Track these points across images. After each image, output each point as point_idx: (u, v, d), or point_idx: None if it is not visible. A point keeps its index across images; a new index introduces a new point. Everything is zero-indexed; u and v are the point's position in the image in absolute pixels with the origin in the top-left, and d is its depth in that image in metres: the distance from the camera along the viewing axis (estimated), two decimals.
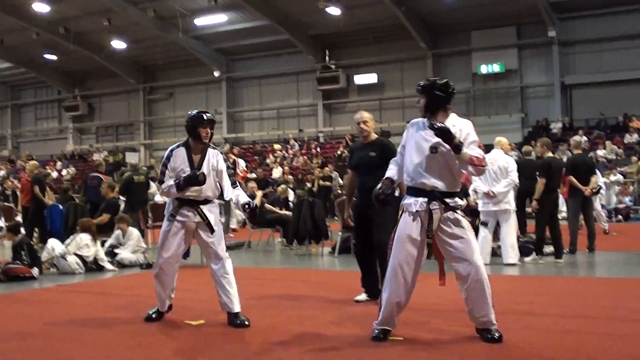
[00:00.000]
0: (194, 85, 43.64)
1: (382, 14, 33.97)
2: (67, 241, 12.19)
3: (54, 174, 38.42)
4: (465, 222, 6.11)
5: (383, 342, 6.03)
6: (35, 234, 16.52)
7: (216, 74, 41.74)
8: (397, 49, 37.23)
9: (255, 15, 35.44)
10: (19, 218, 17.67)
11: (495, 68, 35.26)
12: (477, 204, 12.41)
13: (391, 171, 6.50)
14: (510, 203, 11.77)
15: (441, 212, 6.05)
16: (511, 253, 11.56)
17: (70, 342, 6.40)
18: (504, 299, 8.15)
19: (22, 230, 13.27)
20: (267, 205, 16.33)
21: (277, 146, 37.57)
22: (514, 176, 11.80)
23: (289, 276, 11.13)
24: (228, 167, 7.36)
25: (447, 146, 6.02)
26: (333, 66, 38.64)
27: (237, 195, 7.19)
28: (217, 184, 7.26)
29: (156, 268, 7.20)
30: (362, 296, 8.35)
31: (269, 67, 41.22)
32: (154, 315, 7.25)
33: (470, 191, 12.79)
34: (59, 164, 42.99)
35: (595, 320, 6.81)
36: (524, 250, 12.13)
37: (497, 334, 5.95)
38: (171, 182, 7.05)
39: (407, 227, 6.14)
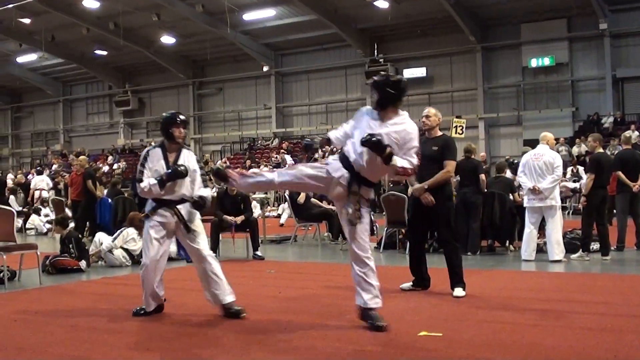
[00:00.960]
0: (243, 80, 43.85)
1: (431, 6, 33.76)
2: (115, 235, 12.38)
3: (105, 168, 38.98)
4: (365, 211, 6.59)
5: (422, 338, 6.03)
6: (86, 227, 16.79)
7: (265, 68, 41.90)
8: (446, 43, 36.96)
9: (304, 10, 35.50)
10: (68, 212, 17.96)
11: (546, 61, 34.78)
12: (522, 199, 12.33)
13: (336, 134, 7.01)
14: (556, 199, 11.65)
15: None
16: (557, 250, 11.45)
17: (114, 334, 6.54)
18: (548, 297, 8.13)
19: (71, 223, 13.49)
20: (313, 200, 16.37)
21: None
22: (560, 172, 11.70)
23: (333, 271, 11.15)
24: (200, 168, 7.53)
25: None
26: (382, 60, 38.45)
27: (199, 194, 7.34)
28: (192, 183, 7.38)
29: (142, 268, 7.33)
30: (408, 284, 8.70)
31: (318, 62, 41.23)
32: (141, 312, 7.35)
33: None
34: (110, 158, 43.59)
35: (637, 319, 6.73)
36: (570, 247, 11.99)
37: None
38: (153, 180, 7.16)
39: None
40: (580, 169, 25.11)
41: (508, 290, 8.75)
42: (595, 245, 12.04)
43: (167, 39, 40.25)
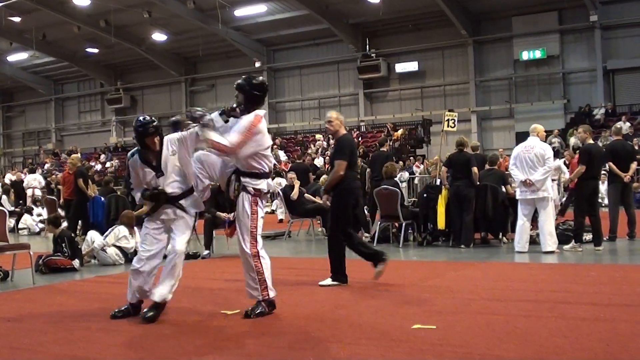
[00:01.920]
0: (235, 76, 42.63)
1: (422, 1, 33.81)
2: (106, 233, 12.36)
3: (98, 167, 38.93)
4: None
5: (416, 330, 6.05)
6: (79, 226, 16.76)
7: (257, 64, 41.87)
8: (437, 37, 37.00)
9: (295, 5, 35.50)
10: (60, 211, 17.94)
11: (537, 54, 34.85)
12: (515, 191, 12.35)
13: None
14: (548, 190, 11.68)
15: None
16: (549, 241, 11.49)
17: (107, 332, 6.53)
18: (541, 288, 8.16)
19: (64, 222, 13.45)
20: (307, 195, 16.38)
21: (318, 136, 37.57)
22: (551, 163, 11.73)
23: (327, 265, 11.13)
24: None
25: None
26: (374, 55, 38.51)
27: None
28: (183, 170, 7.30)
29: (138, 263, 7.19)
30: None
31: (310, 57, 41.23)
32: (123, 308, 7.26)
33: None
34: (102, 156, 43.46)
35: (630, 308, 6.76)
36: (562, 238, 12.03)
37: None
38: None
39: None
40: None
41: (501, 282, 8.78)
42: (588, 236, 12.07)
43: (159, 36, 40.20)
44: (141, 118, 7.39)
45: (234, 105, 7.21)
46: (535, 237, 12.16)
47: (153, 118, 7.45)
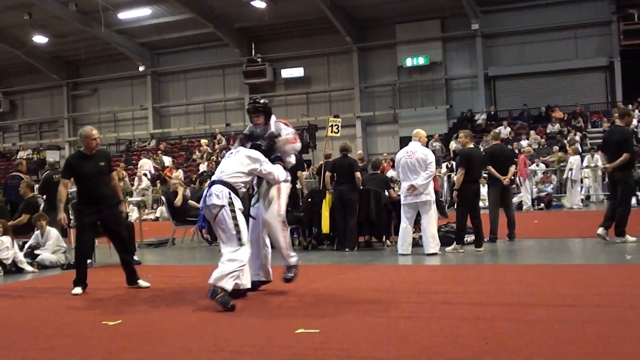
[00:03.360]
0: (118, 80, 43.00)
1: (307, 7, 33.97)
2: None
3: None
4: None
5: (300, 335, 6.00)
6: None
7: (141, 68, 41.23)
8: (323, 43, 37.30)
9: (180, 9, 35.14)
10: None
11: (420, 61, 35.61)
12: (399, 195, 12.49)
13: None
14: (430, 194, 11.85)
15: None
16: (432, 243, 11.66)
17: None
18: (423, 289, 8.26)
19: None
20: (191, 202, 16.17)
21: (203, 141, 37.25)
22: (433, 168, 11.90)
23: (211, 273, 10.99)
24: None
25: None
26: (259, 60, 38.48)
27: None
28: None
29: None
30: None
31: (195, 61, 40.85)
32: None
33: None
34: None
35: (509, 307, 6.89)
36: (444, 240, 12.24)
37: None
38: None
39: None
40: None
41: (384, 284, 8.84)
42: (470, 238, 12.31)
43: (40, 39, 39.03)
44: None
45: (258, 130, 8.59)
46: (418, 239, 12.32)
47: None
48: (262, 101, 8.73)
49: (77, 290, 8.98)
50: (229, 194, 7.60)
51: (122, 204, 9.73)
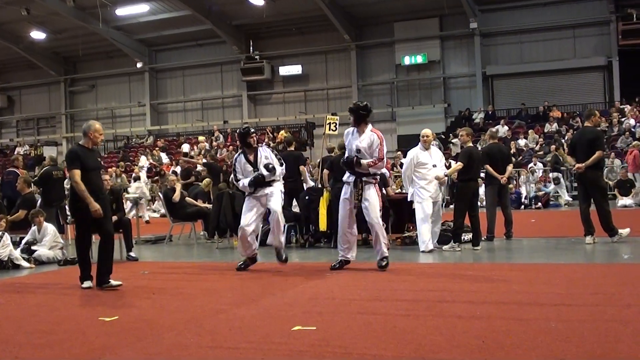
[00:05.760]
0: (116, 77, 42.96)
1: (306, 5, 33.96)
2: None
3: None
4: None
5: (297, 332, 6.00)
6: None
7: (139, 65, 41.19)
8: (321, 41, 37.33)
9: (177, 5, 35.12)
10: None
11: (418, 59, 35.63)
12: (396, 193, 12.52)
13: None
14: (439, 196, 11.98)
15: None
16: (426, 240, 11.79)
17: None
18: (420, 287, 8.27)
19: None
20: (188, 199, 16.16)
21: (201, 138, 37.18)
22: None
23: (208, 270, 11.01)
24: None
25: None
26: (257, 57, 38.46)
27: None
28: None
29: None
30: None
31: (193, 58, 40.86)
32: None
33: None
34: None
35: (505, 306, 6.90)
36: (442, 238, 12.26)
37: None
38: (246, 182, 10.38)
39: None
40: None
41: (381, 282, 8.83)
42: (467, 236, 12.32)
43: (38, 35, 39.06)
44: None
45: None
46: (415, 237, 12.34)
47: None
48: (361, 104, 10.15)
49: (88, 283, 8.93)
50: None
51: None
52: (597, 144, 12.14)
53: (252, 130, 10.71)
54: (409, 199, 12.28)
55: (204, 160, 24.24)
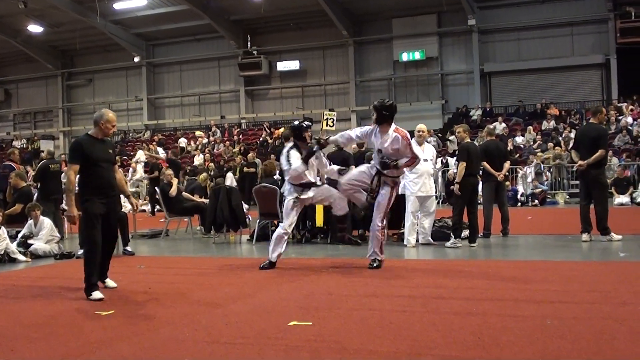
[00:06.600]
0: (113, 71, 42.92)
1: (303, 0, 33.92)
2: None
3: None
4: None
5: (293, 327, 6.00)
6: None
7: (136, 59, 41.15)
8: (318, 36, 37.32)
9: (176, 0, 35.04)
10: None
11: (416, 55, 35.65)
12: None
13: (338, 138, 10.38)
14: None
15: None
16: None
17: None
18: (416, 283, 8.26)
19: None
20: (185, 194, 16.15)
21: (198, 133, 37.23)
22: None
23: (204, 264, 11.01)
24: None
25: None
26: (255, 52, 38.46)
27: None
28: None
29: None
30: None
31: (190, 53, 40.80)
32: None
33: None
34: None
35: (501, 302, 6.90)
36: (438, 235, 12.27)
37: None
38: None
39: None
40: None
41: (377, 278, 8.83)
42: (464, 233, 12.32)
43: (35, 28, 39.02)
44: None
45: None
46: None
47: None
48: (385, 103, 9.77)
49: (98, 294, 7.78)
50: None
51: (130, 197, 9.18)
52: (601, 142, 12.15)
53: (310, 124, 10.38)
54: (399, 192, 12.27)
55: (171, 157, 24.44)
